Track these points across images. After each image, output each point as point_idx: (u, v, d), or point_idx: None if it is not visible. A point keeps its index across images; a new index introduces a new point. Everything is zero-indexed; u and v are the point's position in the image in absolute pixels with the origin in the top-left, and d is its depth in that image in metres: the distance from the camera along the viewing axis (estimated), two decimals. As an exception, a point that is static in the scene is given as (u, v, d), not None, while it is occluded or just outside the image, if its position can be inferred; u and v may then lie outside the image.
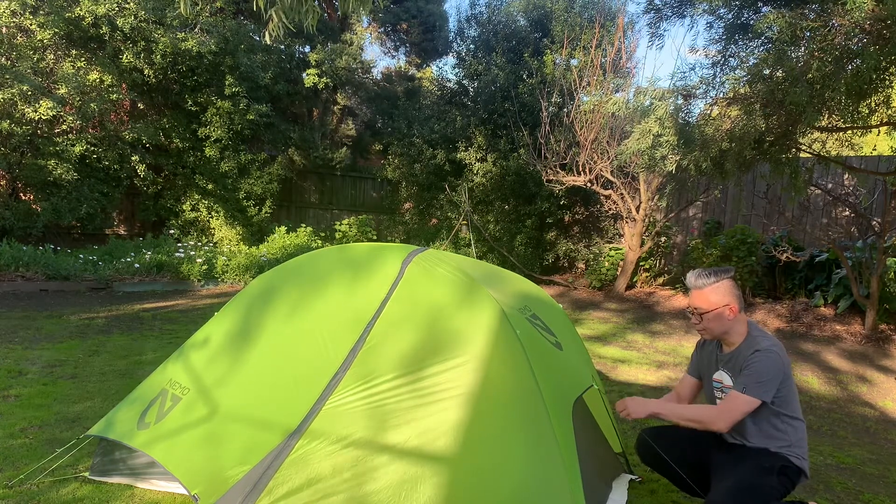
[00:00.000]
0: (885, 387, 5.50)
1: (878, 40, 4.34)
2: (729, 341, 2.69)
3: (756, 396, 2.51)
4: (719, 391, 2.75)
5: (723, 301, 2.63)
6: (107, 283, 8.71)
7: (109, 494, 2.81)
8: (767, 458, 2.56)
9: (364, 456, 2.33)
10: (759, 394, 2.51)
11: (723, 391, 2.71)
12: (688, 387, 2.95)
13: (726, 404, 2.57)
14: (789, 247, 7.50)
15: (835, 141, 7.09)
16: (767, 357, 2.53)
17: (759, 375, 2.52)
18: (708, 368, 2.83)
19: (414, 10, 14.02)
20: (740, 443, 2.68)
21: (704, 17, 5.67)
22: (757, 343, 2.61)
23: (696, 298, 2.68)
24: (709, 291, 2.64)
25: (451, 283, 2.72)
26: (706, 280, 2.66)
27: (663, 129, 6.25)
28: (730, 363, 2.68)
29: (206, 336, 2.99)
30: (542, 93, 10.29)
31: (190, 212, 11.67)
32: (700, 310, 2.67)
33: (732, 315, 2.63)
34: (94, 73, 10.11)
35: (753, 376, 2.52)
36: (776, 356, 2.54)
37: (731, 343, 2.69)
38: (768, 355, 2.53)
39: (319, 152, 12.98)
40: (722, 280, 2.65)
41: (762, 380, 2.52)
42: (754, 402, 2.51)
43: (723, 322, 2.65)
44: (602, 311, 8.69)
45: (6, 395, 4.11)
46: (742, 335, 2.67)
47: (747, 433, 2.64)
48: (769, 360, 2.53)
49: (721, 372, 2.73)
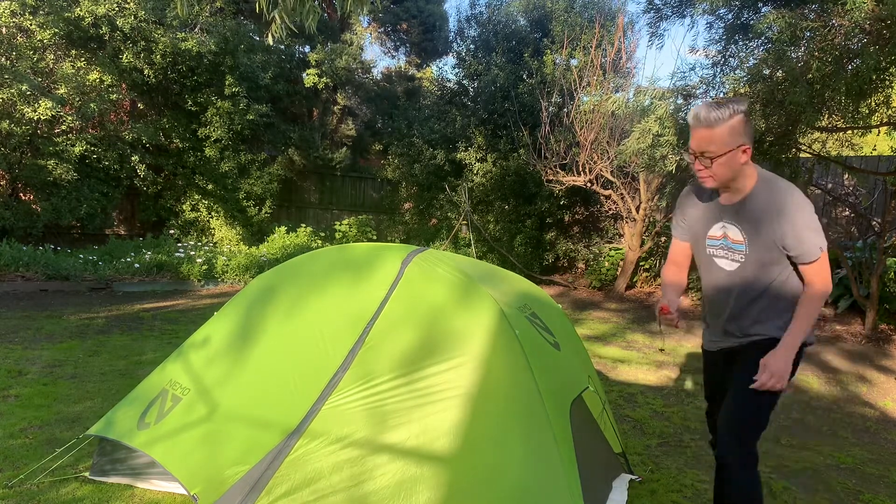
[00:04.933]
0: (885, 387, 5.50)
1: (878, 40, 4.34)
2: (736, 187, 2.24)
3: (823, 242, 2.14)
4: (721, 249, 2.32)
5: (737, 141, 2.15)
6: (107, 283, 8.71)
7: (109, 494, 2.81)
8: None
9: (363, 456, 2.33)
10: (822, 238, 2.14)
11: (731, 248, 2.29)
12: (682, 253, 2.55)
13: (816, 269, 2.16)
14: (789, 247, 7.49)
15: (835, 141, 7.09)
16: (800, 193, 2.17)
17: (812, 216, 2.14)
18: (703, 224, 2.38)
19: (414, 10, 14.02)
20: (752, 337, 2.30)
21: (704, 17, 5.68)
22: (777, 181, 2.21)
23: (705, 139, 2.17)
24: (722, 130, 2.14)
25: (450, 283, 2.72)
26: (719, 114, 2.14)
27: (663, 128, 6.25)
28: (741, 213, 2.25)
29: (206, 336, 2.99)
30: (542, 93, 10.29)
31: (190, 212, 11.68)
32: (710, 153, 2.17)
33: (746, 158, 2.18)
34: (93, 73, 10.11)
35: (808, 218, 2.13)
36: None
37: (738, 189, 2.24)
38: (799, 192, 2.17)
39: (319, 152, 12.98)
40: (737, 114, 2.15)
41: (817, 224, 2.14)
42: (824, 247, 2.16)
43: (734, 167, 2.19)
44: (602, 311, 8.69)
45: (6, 395, 4.11)
46: (752, 178, 2.23)
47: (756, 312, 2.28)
48: (803, 196, 2.16)
49: (726, 225, 2.29)
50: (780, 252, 2.19)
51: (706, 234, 2.36)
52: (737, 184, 2.23)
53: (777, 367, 2.12)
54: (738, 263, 2.28)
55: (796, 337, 2.16)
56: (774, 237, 2.18)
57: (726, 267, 2.33)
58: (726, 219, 2.29)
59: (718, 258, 2.34)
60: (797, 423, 4.47)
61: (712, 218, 2.34)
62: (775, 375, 2.12)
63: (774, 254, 2.21)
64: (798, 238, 2.14)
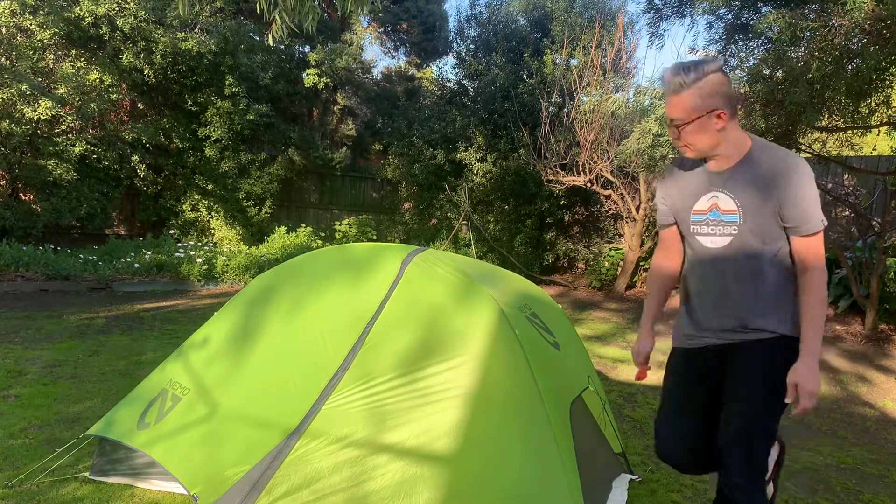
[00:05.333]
0: (885, 387, 5.50)
1: (878, 40, 4.34)
2: (725, 154, 2.01)
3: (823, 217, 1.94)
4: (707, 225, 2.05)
5: (708, 105, 1.93)
6: (107, 283, 8.71)
7: (109, 494, 2.81)
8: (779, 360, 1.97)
9: (363, 456, 2.33)
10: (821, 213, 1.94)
11: (720, 221, 2.02)
12: (671, 238, 2.25)
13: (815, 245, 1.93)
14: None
15: (835, 141, 7.10)
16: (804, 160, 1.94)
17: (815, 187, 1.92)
18: (688, 198, 2.11)
19: (414, 10, 14.02)
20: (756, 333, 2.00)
21: (704, 17, 5.68)
22: (776, 146, 1.99)
23: (673, 105, 1.96)
24: (689, 95, 1.93)
25: (450, 283, 2.72)
26: (685, 78, 1.92)
27: (663, 128, 6.25)
28: (734, 179, 2.00)
29: (206, 336, 2.99)
30: (542, 93, 10.29)
31: (190, 212, 11.68)
32: (678, 120, 1.96)
33: (722, 123, 1.94)
34: (93, 73, 10.11)
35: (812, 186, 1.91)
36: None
37: (728, 156, 2.01)
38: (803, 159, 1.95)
39: (319, 152, 12.98)
40: (707, 75, 1.92)
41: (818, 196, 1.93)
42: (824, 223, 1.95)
43: (709, 134, 1.96)
44: (602, 311, 8.69)
45: (6, 395, 4.11)
46: (744, 143, 2.00)
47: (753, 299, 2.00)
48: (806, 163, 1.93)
49: (717, 194, 2.03)
50: (778, 225, 1.95)
51: (691, 208, 2.09)
52: (723, 150, 2.00)
53: (811, 386, 1.88)
54: (729, 237, 2.00)
55: (816, 339, 1.90)
56: (773, 204, 1.93)
57: (712, 244, 2.04)
58: (716, 187, 2.03)
59: (702, 236, 2.06)
60: (797, 423, 4.47)
61: (699, 189, 2.07)
62: (814, 394, 1.88)
63: (773, 226, 1.95)
64: (800, 205, 1.91)
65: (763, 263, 1.98)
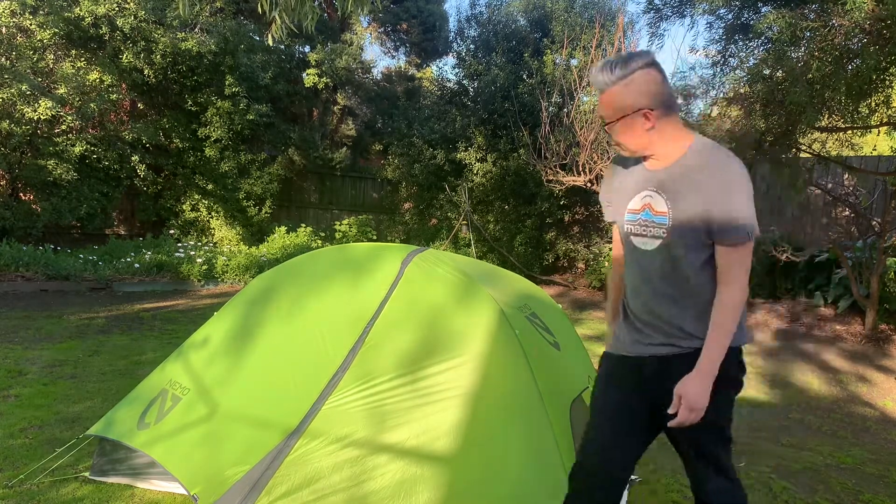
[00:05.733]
0: (885, 387, 5.50)
1: (878, 40, 4.34)
2: (662, 153, 1.88)
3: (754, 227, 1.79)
4: (639, 225, 1.91)
5: (635, 103, 1.80)
6: (107, 283, 8.71)
7: (109, 494, 2.81)
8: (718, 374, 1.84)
9: (363, 456, 2.33)
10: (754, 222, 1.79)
11: (651, 223, 1.88)
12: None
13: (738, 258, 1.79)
14: (789, 247, 7.50)
15: (835, 141, 7.10)
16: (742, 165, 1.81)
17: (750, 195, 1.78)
18: (624, 197, 1.98)
19: (414, 10, 14.02)
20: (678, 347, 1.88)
21: (704, 17, 5.68)
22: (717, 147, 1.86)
23: (601, 103, 1.87)
24: (615, 93, 1.81)
25: (450, 283, 2.72)
26: (610, 76, 1.81)
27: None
28: (667, 179, 1.87)
29: (206, 336, 2.99)
30: (542, 93, 10.29)
31: (190, 212, 11.68)
32: (605, 119, 1.87)
33: (651, 123, 1.82)
34: (94, 73, 10.11)
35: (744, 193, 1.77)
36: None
37: (665, 155, 1.88)
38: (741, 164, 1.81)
39: (319, 152, 12.98)
40: (633, 73, 1.80)
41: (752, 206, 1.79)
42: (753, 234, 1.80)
43: (637, 133, 1.85)
44: (602, 311, 8.68)
45: (6, 395, 4.11)
46: (683, 142, 1.86)
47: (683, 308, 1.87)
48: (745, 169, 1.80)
49: (650, 194, 1.89)
50: (707, 231, 1.81)
51: (626, 207, 1.96)
52: (659, 149, 1.87)
53: (693, 401, 1.76)
54: (658, 240, 1.87)
55: (714, 358, 1.78)
56: (702, 209, 1.79)
57: (643, 246, 1.91)
58: (651, 187, 1.89)
59: (635, 236, 1.93)
60: (797, 423, 4.47)
61: (635, 188, 1.94)
62: (696, 410, 1.76)
63: (701, 232, 1.82)
64: (727, 209, 1.76)
65: (691, 270, 1.84)
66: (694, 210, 1.81)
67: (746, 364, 2.02)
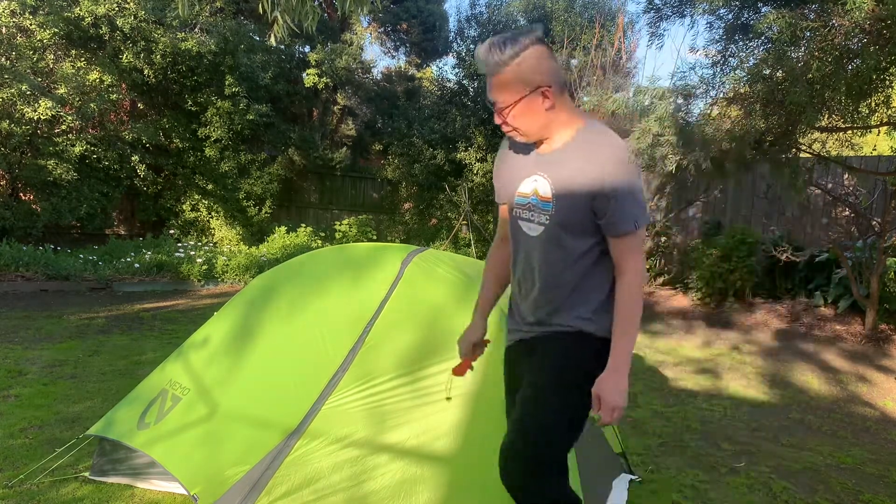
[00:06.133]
0: (885, 387, 5.50)
1: (878, 40, 4.34)
2: (552, 136, 1.81)
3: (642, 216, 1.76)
4: (527, 210, 1.85)
5: (532, 83, 1.72)
6: (107, 283, 8.71)
7: (109, 494, 2.81)
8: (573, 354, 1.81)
9: (363, 456, 2.33)
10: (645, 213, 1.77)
11: (537, 208, 1.82)
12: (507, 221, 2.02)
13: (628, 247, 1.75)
14: (789, 247, 7.50)
15: (835, 141, 7.09)
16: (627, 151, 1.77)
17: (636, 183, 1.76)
18: (515, 179, 1.89)
19: (414, 10, 14.02)
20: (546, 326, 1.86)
21: (704, 17, 5.66)
22: (606, 132, 1.80)
23: (493, 87, 1.75)
24: (509, 75, 1.71)
25: (450, 283, 2.72)
26: (501, 55, 1.69)
27: (663, 128, 6.24)
28: (554, 164, 1.80)
29: (206, 336, 2.99)
30: (542, 93, 10.28)
31: (190, 212, 11.68)
32: (500, 103, 1.75)
33: (550, 101, 1.74)
34: (93, 73, 10.11)
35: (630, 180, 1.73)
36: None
37: (557, 138, 1.81)
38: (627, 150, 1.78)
39: (319, 152, 12.98)
40: (526, 49, 1.69)
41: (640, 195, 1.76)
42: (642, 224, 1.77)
43: (537, 114, 1.76)
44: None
45: (6, 395, 4.11)
46: (573, 124, 1.80)
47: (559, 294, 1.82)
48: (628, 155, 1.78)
49: (538, 178, 1.82)
50: (590, 218, 1.76)
51: (516, 190, 1.88)
52: (553, 132, 1.79)
53: (612, 400, 1.70)
54: (542, 226, 1.81)
55: (623, 352, 1.75)
56: (587, 196, 1.73)
57: (529, 232, 1.86)
58: (539, 171, 1.82)
59: (523, 221, 1.87)
60: (797, 423, 4.47)
61: (525, 171, 1.87)
62: (617, 409, 1.71)
63: (584, 219, 1.77)
64: (611, 199, 1.71)
65: (571, 258, 1.79)
66: (577, 198, 1.75)
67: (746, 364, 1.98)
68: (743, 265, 8.03)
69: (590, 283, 1.82)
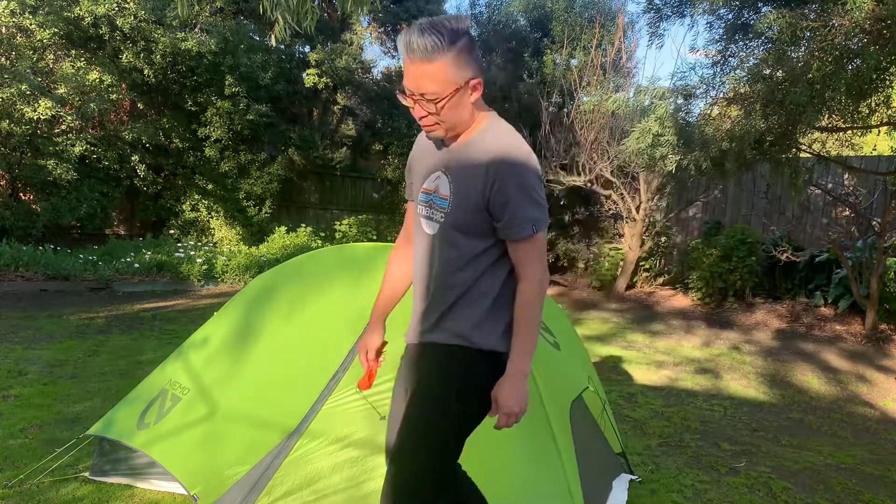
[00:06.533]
0: (885, 387, 5.50)
1: (878, 40, 4.34)
2: (460, 131, 1.72)
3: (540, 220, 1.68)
4: (428, 207, 1.77)
5: (465, 73, 1.60)
6: (107, 283, 8.71)
7: (109, 494, 2.81)
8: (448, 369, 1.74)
9: (363, 456, 2.33)
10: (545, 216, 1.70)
11: (435, 205, 1.74)
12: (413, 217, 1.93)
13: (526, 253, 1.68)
14: (789, 247, 7.50)
15: (835, 141, 7.10)
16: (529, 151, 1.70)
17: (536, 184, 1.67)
18: (423, 173, 1.81)
19: (414, 10, 14.01)
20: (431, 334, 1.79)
21: (704, 17, 5.68)
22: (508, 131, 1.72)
23: (424, 75, 1.58)
24: (446, 62, 1.57)
25: (450, 283, 2.72)
26: (438, 39, 1.54)
27: (663, 128, 6.25)
28: (454, 161, 1.72)
29: (206, 336, 2.99)
30: (542, 93, 10.29)
31: (190, 212, 11.68)
32: (433, 94, 1.59)
33: (478, 93, 1.66)
34: (93, 73, 10.11)
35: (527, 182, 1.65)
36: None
37: (460, 133, 1.72)
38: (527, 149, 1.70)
39: (319, 152, 12.98)
40: (462, 37, 1.57)
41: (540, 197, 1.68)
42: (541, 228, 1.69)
43: (465, 108, 1.66)
44: (602, 311, 8.69)
45: (6, 395, 4.11)
46: (479, 121, 1.72)
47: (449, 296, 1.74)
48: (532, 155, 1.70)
49: (441, 174, 1.74)
50: (486, 219, 1.68)
51: (422, 186, 1.80)
52: (461, 127, 1.70)
53: (509, 405, 1.67)
54: (438, 225, 1.73)
55: (522, 357, 1.70)
56: (481, 197, 1.65)
57: (428, 230, 1.77)
58: (442, 167, 1.75)
59: (423, 218, 1.79)
60: (797, 423, 4.47)
61: (432, 166, 1.79)
62: (512, 415, 1.68)
63: (480, 221, 1.68)
64: (507, 203, 1.63)
65: (462, 261, 1.71)
66: (470, 198, 1.67)
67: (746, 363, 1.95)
68: (743, 265, 8.03)
69: (482, 286, 1.73)
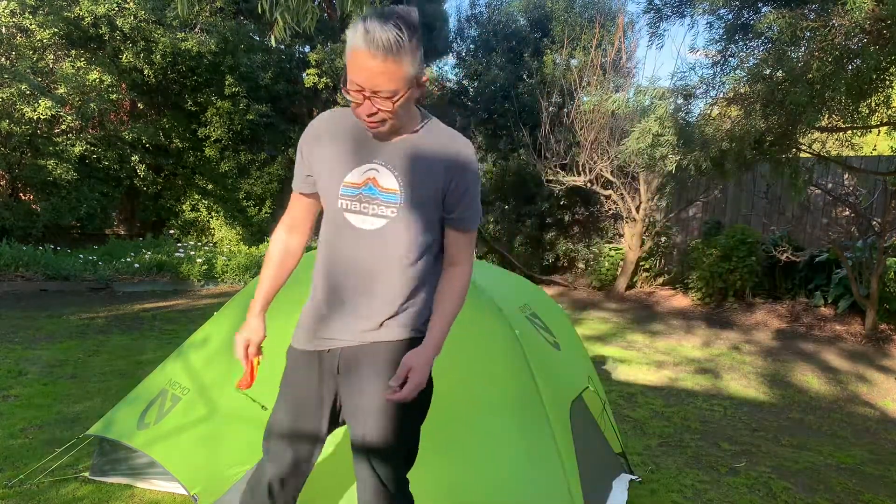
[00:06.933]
0: (885, 387, 5.50)
1: (878, 40, 4.34)
2: (404, 128, 1.68)
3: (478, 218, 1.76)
4: (358, 201, 1.68)
5: (418, 70, 1.56)
6: (107, 283, 8.71)
7: (109, 494, 2.81)
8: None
9: (364, 456, 2.33)
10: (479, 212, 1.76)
11: (375, 199, 1.67)
12: (304, 211, 1.90)
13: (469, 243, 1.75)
14: (789, 247, 7.50)
15: (835, 141, 7.10)
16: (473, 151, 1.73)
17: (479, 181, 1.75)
18: (343, 164, 1.71)
19: (414, 10, 14.01)
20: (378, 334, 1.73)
21: (704, 17, 5.68)
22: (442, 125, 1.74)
23: (386, 73, 1.50)
24: (408, 59, 1.51)
25: (450, 283, 2.72)
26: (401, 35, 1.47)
27: (663, 128, 6.25)
28: (398, 154, 1.68)
29: (206, 336, 2.99)
30: (542, 93, 10.29)
31: (190, 212, 11.68)
32: (391, 91, 1.52)
33: (422, 90, 1.63)
34: (93, 73, 10.11)
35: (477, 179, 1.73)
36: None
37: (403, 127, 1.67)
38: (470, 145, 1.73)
39: (319, 152, 12.97)
40: (417, 32, 1.53)
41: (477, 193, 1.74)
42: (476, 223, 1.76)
43: (411, 105, 1.66)
44: (602, 311, 8.69)
45: (6, 395, 4.11)
46: (416, 116, 1.70)
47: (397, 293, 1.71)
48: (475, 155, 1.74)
49: (378, 167, 1.67)
50: (438, 213, 1.70)
51: (342, 179, 1.70)
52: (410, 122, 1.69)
53: (419, 378, 1.63)
54: (385, 220, 1.67)
55: (443, 333, 1.71)
56: (437, 190, 1.67)
57: (362, 225, 1.69)
58: (380, 159, 1.68)
59: (352, 213, 1.69)
60: (797, 423, 4.47)
61: (356, 158, 1.69)
62: (418, 387, 1.63)
63: (433, 213, 1.69)
64: (467, 196, 1.69)
65: (416, 253, 1.69)
66: (426, 191, 1.67)
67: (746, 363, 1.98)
68: (743, 265, 8.04)
69: (428, 278, 1.74)
